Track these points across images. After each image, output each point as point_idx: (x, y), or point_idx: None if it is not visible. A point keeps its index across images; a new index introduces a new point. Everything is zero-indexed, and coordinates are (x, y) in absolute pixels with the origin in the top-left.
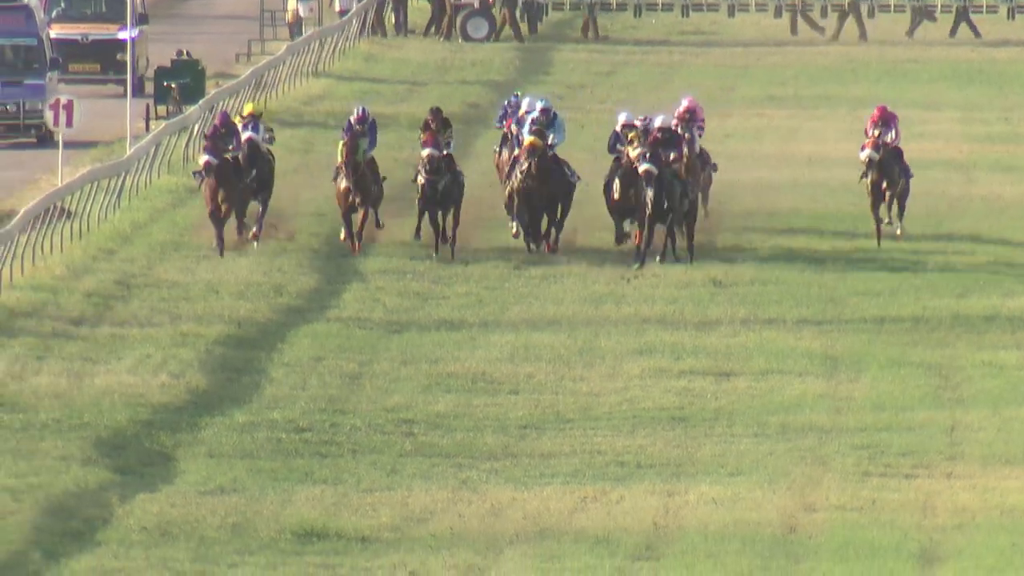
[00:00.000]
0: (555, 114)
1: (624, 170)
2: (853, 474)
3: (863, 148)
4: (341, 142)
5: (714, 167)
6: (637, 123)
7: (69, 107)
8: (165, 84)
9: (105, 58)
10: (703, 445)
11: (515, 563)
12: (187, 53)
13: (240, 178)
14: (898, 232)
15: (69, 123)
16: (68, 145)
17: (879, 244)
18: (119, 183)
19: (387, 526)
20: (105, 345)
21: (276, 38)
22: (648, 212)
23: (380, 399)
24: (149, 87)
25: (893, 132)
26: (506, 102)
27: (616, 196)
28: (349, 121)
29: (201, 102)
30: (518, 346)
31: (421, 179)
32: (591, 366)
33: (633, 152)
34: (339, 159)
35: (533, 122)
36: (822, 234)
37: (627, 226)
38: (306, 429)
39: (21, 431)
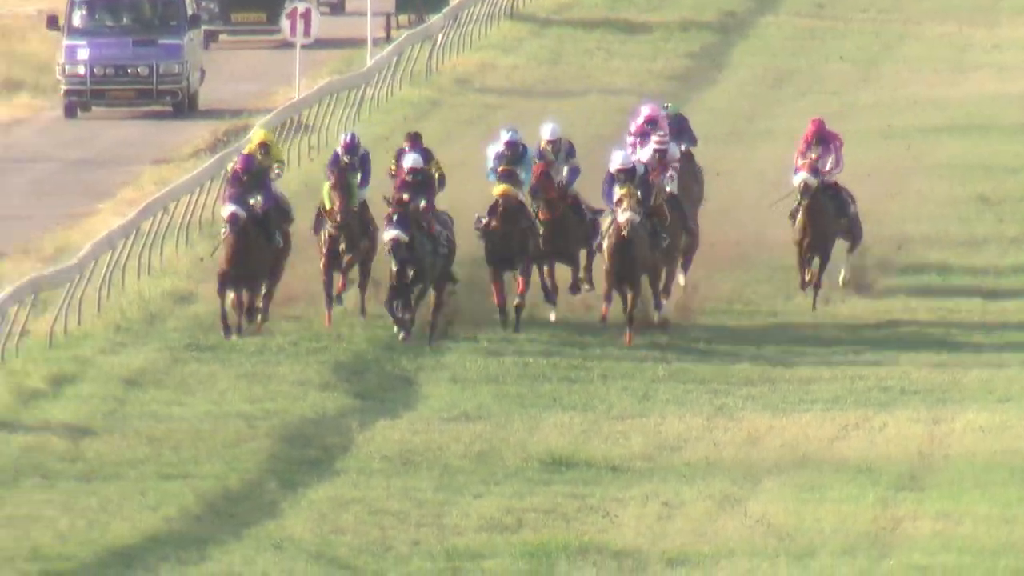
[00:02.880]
0: (524, 148)
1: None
2: None
3: (796, 171)
4: (327, 184)
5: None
6: (642, 161)
7: (307, 16)
8: None
9: (271, 6)
10: (970, 370)
11: (773, 493)
12: None
13: (270, 241)
14: (840, 282)
15: (307, 32)
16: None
17: (814, 303)
18: (359, 95)
19: (639, 454)
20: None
21: None
22: (392, 285)
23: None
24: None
25: (832, 157)
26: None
27: (608, 258)
28: (336, 153)
29: (445, 10)
30: (776, 268)
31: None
32: (852, 287)
33: (622, 216)
34: (328, 206)
35: (498, 157)
36: None
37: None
38: (555, 353)
39: (256, 355)
